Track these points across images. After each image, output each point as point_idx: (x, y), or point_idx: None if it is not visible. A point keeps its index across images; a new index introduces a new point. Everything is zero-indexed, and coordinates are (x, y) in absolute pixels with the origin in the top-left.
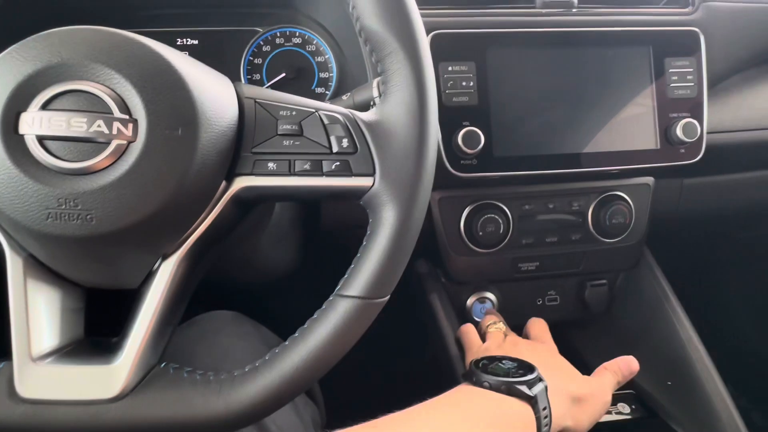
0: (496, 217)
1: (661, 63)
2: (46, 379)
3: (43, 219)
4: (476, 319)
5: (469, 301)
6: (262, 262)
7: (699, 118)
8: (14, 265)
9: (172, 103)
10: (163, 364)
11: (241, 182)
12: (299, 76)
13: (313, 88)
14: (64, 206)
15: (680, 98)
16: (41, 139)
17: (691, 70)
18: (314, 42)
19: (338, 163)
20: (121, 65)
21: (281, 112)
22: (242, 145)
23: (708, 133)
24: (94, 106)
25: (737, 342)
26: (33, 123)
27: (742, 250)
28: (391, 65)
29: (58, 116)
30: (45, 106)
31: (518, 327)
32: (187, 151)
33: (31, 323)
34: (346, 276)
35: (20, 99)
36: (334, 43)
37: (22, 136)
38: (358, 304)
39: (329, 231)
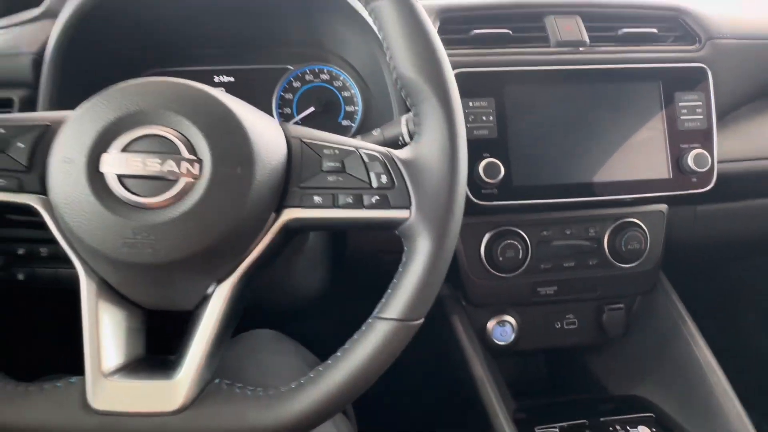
0: (516, 243)
1: (671, 97)
2: (115, 393)
3: (120, 247)
4: (496, 341)
5: (490, 324)
6: (295, 286)
7: (709, 148)
8: (88, 288)
9: (232, 144)
10: (217, 380)
11: (289, 214)
12: (327, 110)
13: (339, 120)
14: (138, 237)
15: (691, 130)
16: (120, 177)
17: (700, 103)
18: (341, 78)
19: (378, 197)
20: (189, 112)
21: (325, 151)
22: (290, 180)
23: (719, 162)
24: (165, 148)
25: (756, 363)
26: (113, 163)
27: (758, 274)
28: (426, 110)
29: (135, 157)
30: (124, 149)
31: (538, 351)
32: (245, 187)
33: (102, 342)
34: (383, 300)
35: (103, 142)
36: (359, 78)
37: (104, 174)
38: (396, 326)
39: (354, 255)
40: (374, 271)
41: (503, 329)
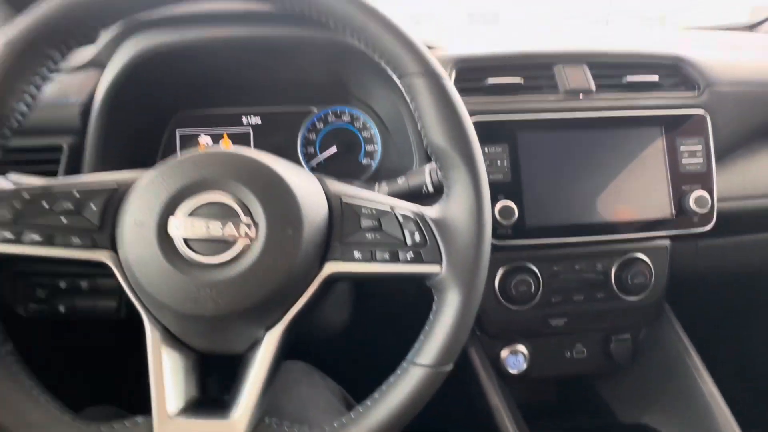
0: (528, 278)
1: (672, 142)
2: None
3: (185, 303)
4: (509, 370)
5: (503, 353)
6: (324, 321)
7: (709, 189)
8: (153, 336)
9: (283, 209)
10: (266, 419)
11: (331, 267)
12: (348, 150)
13: (360, 159)
14: (201, 292)
15: (691, 172)
16: (186, 240)
17: (700, 147)
18: (361, 119)
19: (412, 254)
20: (246, 180)
21: (363, 210)
22: (332, 235)
23: (719, 201)
24: (225, 213)
25: (759, 389)
26: (180, 227)
27: (761, 302)
28: (455, 175)
29: (200, 222)
30: (190, 213)
31: (549, 379)
32: (295, 247)
33: (166, 384)
34: (416, 347)
35: (171, 207)
36: (379, 120)
37: (171, 236)
38: (429, 372)
39: (371, 295)
40: (392, 310)
41: (516, 358)
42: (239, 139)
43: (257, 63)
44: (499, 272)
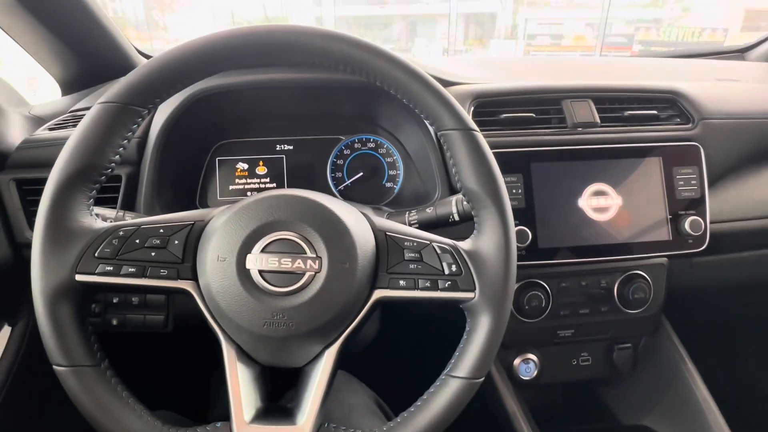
0: (539, 293)
1: (669, 170)
2: None
3: (261, 326)
4: (521, 377)
5: (516, 361)
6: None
7: (703, 214)
8: (229, 353)
9: (342, 246)
10: (326, 424)
11: (379, 294)
12: (373, 174)
13: (383, 183)
14: (275, 317)
15: (686, 199)
16: (261, 272)
17: (695, 176)
18: (385, 146)
19: (449, 282)
20: (310, 220)
21: (405, 243)
22: (380, 266)
23: (712, 223)
24: (294, 249)
25: (749, 398)
26: (256, 261)
27: (752, 314)
28: (486, 215)
29: (273, 257)
30: (263, 249)
31: (557, 384)
32: (352, 277)
33: (242, 394)
34: (452, 361)
35: (248, 244)
36: (402, 148)
37: (249, 270)
38: (465, 383)
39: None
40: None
41: (527, 366)
42: (273, 165)
43: (293, 100)
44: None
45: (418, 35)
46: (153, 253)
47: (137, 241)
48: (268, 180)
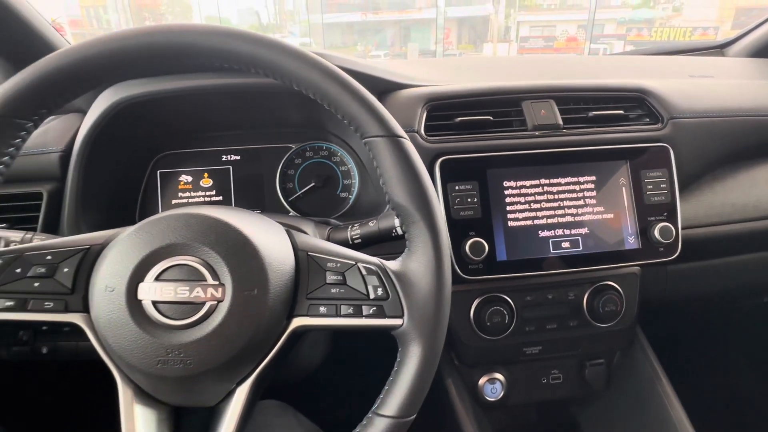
0: (502, 308)
1: (637, 174)
2: None
3: (155, 364)
4: (487, 398)
5: (481, 381)
6: (297, 363)
7: (674, 221)
8: (125, 394)
9: (249, 270)
10: None
11: (297, 322)
12: (326, 184)
13: (338, 192)
14: (170, 354)
15: (656, 204)
16: (155, 303)
17: (664, 179)
18: (338, 154)
19: (375, 308)
20: (212, 243)
21: (328, 264)
22: (299, 291)
23: (684, 228)
24: (192, 276)
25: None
26: (149, 291)
27: (729, 323)
28: (415, 231)
29: (168, 286)
30: (157, 277)
31: (527, 405)
32: (261, 306)
33: None
34: (381, 397)
35: (139, 273)
36: (355, 154)
37: (141, 301)
38: (393, 423)
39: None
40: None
41: (493, 386)
42: (219, 177)
43: (233, 107)
44: (474, 304)
45: (412, 40)
46: (36, 284)
47: (18, 270)
48: (213, 193)
